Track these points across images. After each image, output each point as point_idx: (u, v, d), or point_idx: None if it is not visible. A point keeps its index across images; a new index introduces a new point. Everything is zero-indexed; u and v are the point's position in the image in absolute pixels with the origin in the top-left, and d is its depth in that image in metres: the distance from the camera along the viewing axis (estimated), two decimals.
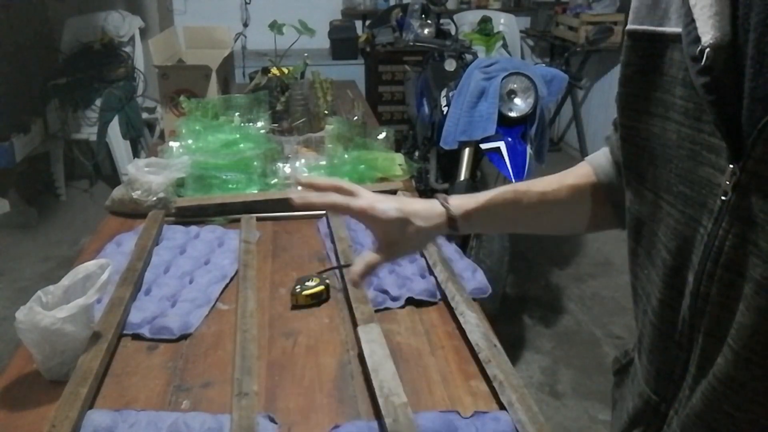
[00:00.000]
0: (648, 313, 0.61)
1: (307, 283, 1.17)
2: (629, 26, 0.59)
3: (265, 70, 2.25)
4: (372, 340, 0.97)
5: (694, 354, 0.55)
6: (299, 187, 0.77)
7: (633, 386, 0.68)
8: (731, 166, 0.48)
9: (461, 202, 0.76)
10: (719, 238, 0.50)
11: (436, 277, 1.21)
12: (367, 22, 4.61)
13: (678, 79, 0.53)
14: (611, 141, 0.72)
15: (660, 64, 0.55)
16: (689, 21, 0.50)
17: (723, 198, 0.49)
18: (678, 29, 0.52)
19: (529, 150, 2.31)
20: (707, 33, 0.48)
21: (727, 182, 0.48)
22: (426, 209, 0.75)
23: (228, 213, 1.51)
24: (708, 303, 0.52)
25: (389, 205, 0.73)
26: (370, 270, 0.74)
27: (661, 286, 0.58)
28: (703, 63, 0.48)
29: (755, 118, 0.45)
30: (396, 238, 0.74)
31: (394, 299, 1.16)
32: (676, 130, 0.54)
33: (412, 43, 2.96)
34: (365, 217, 0.73)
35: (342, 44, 4.34)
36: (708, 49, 0.48)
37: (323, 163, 1.71)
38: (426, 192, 2.79)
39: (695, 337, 0.54)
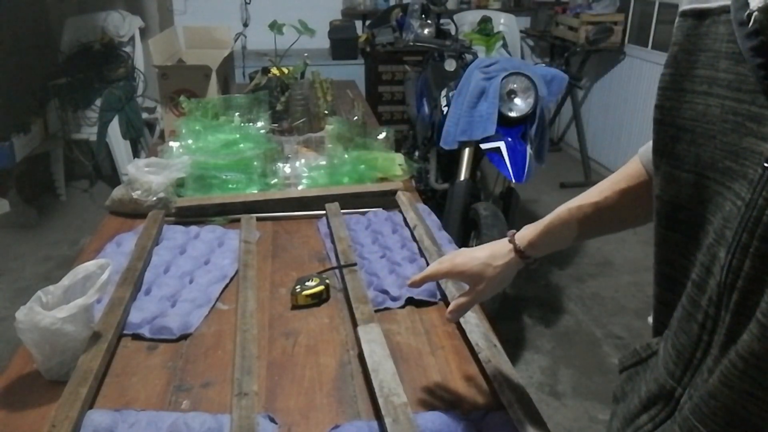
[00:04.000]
0: (683, 296, 0.60)
1: (307, 283, 1.17)
2: (681, 7, 0.60)
3: (265, 70, 2.25)
4: (372, 340, 0.97)
5: (718, 335, 0.53)
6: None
7: (650, 374, 0.66)
8: None
9: (525, 233, 0.85)
10: (758, 209, 0.48)
11: None
12: (367, 22, 4.60)
13: (722, 52, 0.54)
14: None
15: (704, 40, 0.56)
16: None
17: (765, 165, 0.48)
18: (725, 2, 0.53)
19: (529, 150, 2.31)
20: None
21: None
22: (498, 250, 0.86)
23: (228, 213, 1.51)
24: (739, 278, 0.50)
25: (471, 257, 0.87)
26: (462, 311, 0.89)
27: (696, 265, 0.57)
28: (750, 26, 0.49)
29: None
30: (482, 281, 0.86)
31: (394, 299, 1.16)
32: (719, 105, 0.54)
33: (412, 43, 2.95)
34: (453, 273, 0.88)
35: (342, 44, 4.34)
36: (756, 12, 0.48)
37: (323, 163, 1.71)
38: (426, 192, 2.79)
39: (721, 316, 0.53)
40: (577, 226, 0.83)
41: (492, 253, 0.86)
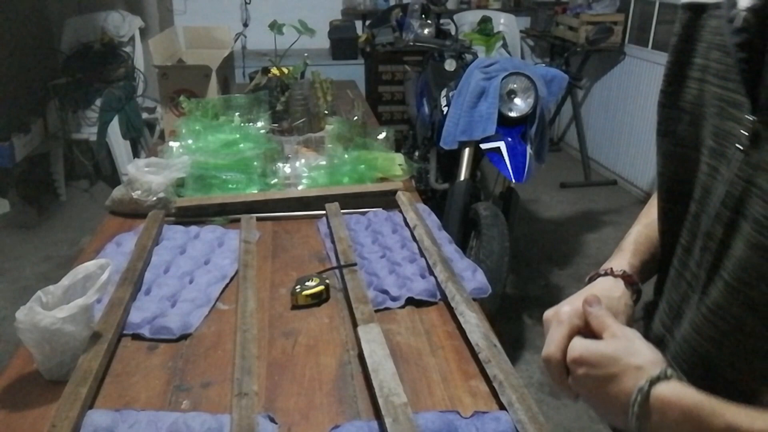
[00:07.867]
0: (673, 258, 0.68)
1: (307, 283, 1.17)
2: (682, 1, 0.66)
3: (265, 70, 2.25)
4: (372, 340, 0.97)
5: (698, 290, 0.61)
6: None
7: (651, 325, 0.74)
8: (751, 118, 0.54)
9: (613, 261, 0.75)
10: (731, 184, 0.56)
11: (436, 277, 1.21)
12: (367, 22, 4.61)
13: (713, 43, 0.60)
14: None
15: (700, 32, 0.63)
16: None
17: (739, 147, 0.55)
18: None
19: (529, 150, 2.31)
20: None
21: (745, 132, 0.54)
22: (608, 283, 0.73)
23: (228, 213, 1.51)
24: (712, 241, 0.59)
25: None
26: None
27: (684, 231, 0.65)
28: (737, 24, 0.55)
29: None
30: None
31: (394, 299, 1.16)
32: (709, 90, 0.61)
33: (412, 43, 2.95)
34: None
35: (342, 44, 4.35)
36: (744, 12, 0.55)
37: (323, 163, 1.71)
38: (426, 192, 2.79)
39: (701, 274, 0.61)
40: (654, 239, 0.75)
41: (604, 286, 0.72)
